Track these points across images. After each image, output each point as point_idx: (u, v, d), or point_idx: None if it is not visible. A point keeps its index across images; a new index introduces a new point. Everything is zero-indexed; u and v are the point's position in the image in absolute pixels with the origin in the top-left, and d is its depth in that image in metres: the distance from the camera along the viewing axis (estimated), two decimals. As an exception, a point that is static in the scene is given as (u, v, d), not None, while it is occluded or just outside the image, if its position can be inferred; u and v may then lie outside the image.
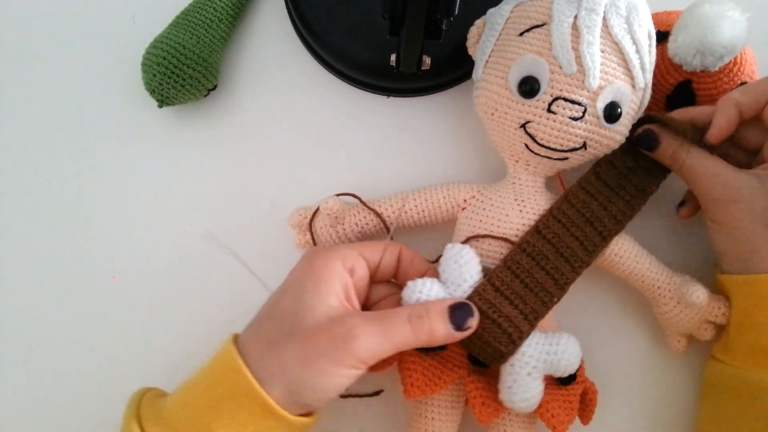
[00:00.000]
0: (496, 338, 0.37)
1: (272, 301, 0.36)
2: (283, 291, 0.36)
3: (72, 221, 0.46)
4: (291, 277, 0.37)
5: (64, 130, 0.48)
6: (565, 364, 0.37)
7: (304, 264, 0.37)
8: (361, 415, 0.44)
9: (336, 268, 0.35)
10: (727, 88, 0.42)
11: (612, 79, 0.37)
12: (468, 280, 0.38)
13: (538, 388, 0.37)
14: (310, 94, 0.48)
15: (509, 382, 0.37)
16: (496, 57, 0.40)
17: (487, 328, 0.37)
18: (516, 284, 0.38)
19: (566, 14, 0.37)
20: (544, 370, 0.37)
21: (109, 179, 0.47)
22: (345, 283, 0.36)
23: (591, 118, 0.37)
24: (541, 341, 0.38)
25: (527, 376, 0.37)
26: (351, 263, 0.36)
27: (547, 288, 0.38)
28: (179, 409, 0.33)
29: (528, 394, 0.37)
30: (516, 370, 0.37)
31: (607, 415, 0.43)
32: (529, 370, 0.37)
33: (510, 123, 0.39)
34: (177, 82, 0.44)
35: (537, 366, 0.37)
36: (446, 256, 0.38)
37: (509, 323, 0.37)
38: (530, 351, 0.37)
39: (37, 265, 0.46)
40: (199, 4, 0.46)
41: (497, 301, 0.37)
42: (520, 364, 0.37)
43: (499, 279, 0.38)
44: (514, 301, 0.37)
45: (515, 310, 0.37)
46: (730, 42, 0.39)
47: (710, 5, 0.39)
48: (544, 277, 0.38)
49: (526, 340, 0.37)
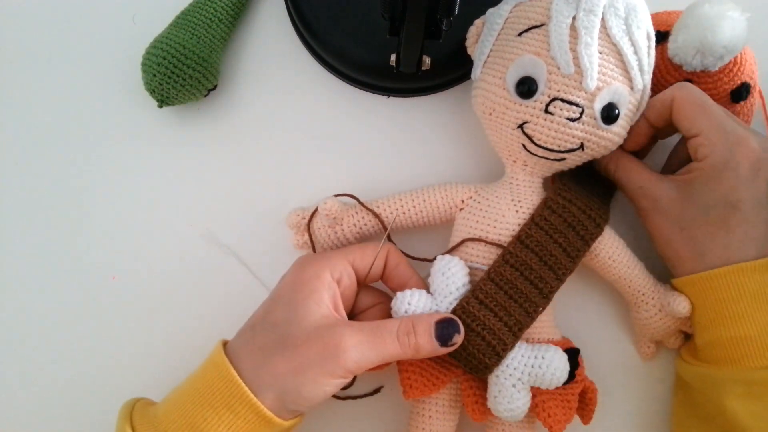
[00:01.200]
0: (480, 350, 0.37)
1: (263, 310, 0.37)
2: (275, 301, 0.37)
3: (72, 221, 0.46)
4: (282, 286, 0.38)
5: (64, 130, 0.48)
6: (550, 377, 0.37)
7: (294, 274, 0.38)
8: (360, 415, 0.44)
9: (326, 279, 0.37)
10: (727, 88, 0.42)
11: (610, 81, 0.37)
12: (454, 292, 0.38)
13: (523, 399, 0.37)
14: (310, 94, 0.48)
15: (495, 392, 0.38)
16: (494, 57, 0.40)
17: (471, 340, 0.37)
18: (500, 296, 0.38)
19: (565, 15, 0.37)
20: (529, 381, 0.38)
21: (109, 179, 0.47)
22: (333, 293, 0.37)
23: (588, 119, 0.37)
24: (527, 353, 0.38)
25: (512, 387, 0.37)
26: (339, 273, 0.38)
27: (531, 298, 0.39)
28: (174, 418, 0.34)
29: (513, 404, 0.37)
30: (501, 381, 0.38)
31: (607, 414, 0.43)
32: (514, 381, 0.37)
33: (507, 123, 0.39)
34: (177, 82, 0.44)
35: (522, 378, 0.37)
36: (434, 268, 0.39)
37: (493, 335, 0.37)
38: (515, 363, 0.38)
39: (37, 265, 0.46)
40: (199, 4, 0.46)
41: (481, 314, 0.37)
42: (504, 375, 0.38)
43: (483, 291, 0.38)
44: (498, 313, 0.38)
45: (499, 322, 0.38)
46: (730, 42, 0.38)
47: (710, 5, 0.39)
48: (528, 286, 0.39)
49: (511, 352, 0.38)
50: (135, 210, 0.46)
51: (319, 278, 0.36)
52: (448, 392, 0.40)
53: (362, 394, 0.43)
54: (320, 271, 0.37)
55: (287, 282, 0.38)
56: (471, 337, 0.37)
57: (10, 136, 0.48)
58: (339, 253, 0.39)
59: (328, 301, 0.36)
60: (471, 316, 0.37)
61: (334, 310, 0.36)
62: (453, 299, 0.38)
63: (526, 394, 0.38)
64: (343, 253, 0.39)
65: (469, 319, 0.37)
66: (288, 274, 0.38)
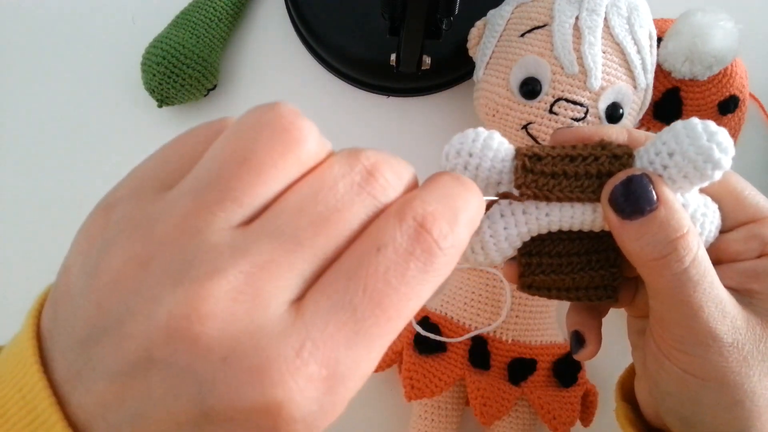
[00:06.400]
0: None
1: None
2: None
3: (72, 221, 0.46)
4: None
5: (63, 129, 0.48)
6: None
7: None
8: (361, 415, 0.44)
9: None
10: (715, 99, 0.41)
11: (613, 80, 0.37)
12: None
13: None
14: (310, 94, 0.48)
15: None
16: (497, 58, 0.39)
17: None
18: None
19: (567, 15, 0.37)
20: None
21: (109, 179, 0.46)
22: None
23: (593, 119, 0.37)
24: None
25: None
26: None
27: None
28: None
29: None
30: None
31: (608, 417, 0.43)
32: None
33: (511, 124, 0.38)
34: (177, 81, 0.43)
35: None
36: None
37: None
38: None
39: (36, 267, 0.46)
40: (198, 4, 0.46)
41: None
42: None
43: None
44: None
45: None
46: (720, 52, 0.38)
47: (703, 14, 0.39)
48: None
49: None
50: (134, 210, 0.46)
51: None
52: (450, 394, 0.40)
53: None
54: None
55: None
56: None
57: (10, 137, 0.48)
58: None
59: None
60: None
61: None
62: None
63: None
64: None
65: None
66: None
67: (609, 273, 0.26)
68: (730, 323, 0.23)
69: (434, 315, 0.40)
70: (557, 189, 0.23)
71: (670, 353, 0.24)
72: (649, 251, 0.23)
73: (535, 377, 0.39)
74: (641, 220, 0.22)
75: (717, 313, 0.23)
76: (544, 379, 0.39)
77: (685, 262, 0.22)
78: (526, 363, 0.40)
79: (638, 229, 0.23)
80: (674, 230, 0.22)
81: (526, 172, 0.23)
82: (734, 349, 0.23)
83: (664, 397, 0.26)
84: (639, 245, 0.23)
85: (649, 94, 0.40)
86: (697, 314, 0.23)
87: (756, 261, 0.25)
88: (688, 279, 0.23)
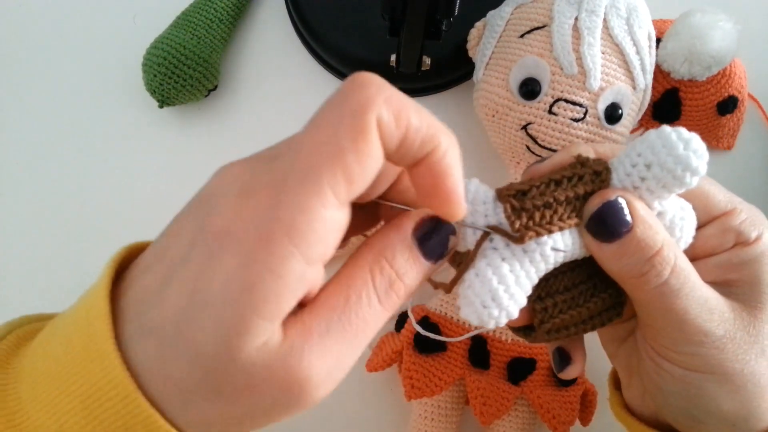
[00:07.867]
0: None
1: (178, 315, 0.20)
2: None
3: (72, 221, 0.46)
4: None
5: (64, 130, 0.48)
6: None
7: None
8: (360, 415, 0.44)
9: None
10: (714, 100, 0.41)
11: (613, 81, 0.37)
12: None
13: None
14: (310, 94, 0.48)
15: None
16: (496, 59, 0.40)
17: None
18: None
19: (567, 16, 0.37)
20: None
21: (109, 179, 0.47)
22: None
23: (592, 120, 0.37)
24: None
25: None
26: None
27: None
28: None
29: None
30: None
31: (607, 417, 0.43)
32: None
33: (511, 124, 0.39)
34: (177, 82, 0.44)
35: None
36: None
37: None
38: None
39: (36, 266, 0.46)
40: (199, 5, 0.46)
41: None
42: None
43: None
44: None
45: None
46: (718, 52, 0.38)
47: (702, 14, 0.39)
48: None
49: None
50: (135, 210, 0.46)
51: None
52: (450, 394, 0.40)
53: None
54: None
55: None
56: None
57: (11, 137, 0.48)
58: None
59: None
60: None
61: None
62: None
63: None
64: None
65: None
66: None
67: (614, 291, 0.25)
68: (718, 318, 0.24)
69: (434, 315, 0.40)
70: (556, 218, 0.23)
71: (667, 355, 0.25)
72: (628, 270, 0.24)
73: (534, 377, 0.39)
74: (618, 243, 0.23)
75: (704, 313, 0.24)
76: (543, 378, 0.39)
77: (664, 276, 0.23)
78: (525, 362, 0.40)
79: (616, 251, 0.23)
80: (650, 248, 0.23)
81: (518, 213, 0.22)
82: (727, 340, 0.24)
83: (667, 397, 0.26)
84: (618, 266, 0.24)
85: (648, 94, 0.40)
86: (684, 318, 0.24)
87: (730, 252, 0.26)
88: (669, 289, 0.23)
